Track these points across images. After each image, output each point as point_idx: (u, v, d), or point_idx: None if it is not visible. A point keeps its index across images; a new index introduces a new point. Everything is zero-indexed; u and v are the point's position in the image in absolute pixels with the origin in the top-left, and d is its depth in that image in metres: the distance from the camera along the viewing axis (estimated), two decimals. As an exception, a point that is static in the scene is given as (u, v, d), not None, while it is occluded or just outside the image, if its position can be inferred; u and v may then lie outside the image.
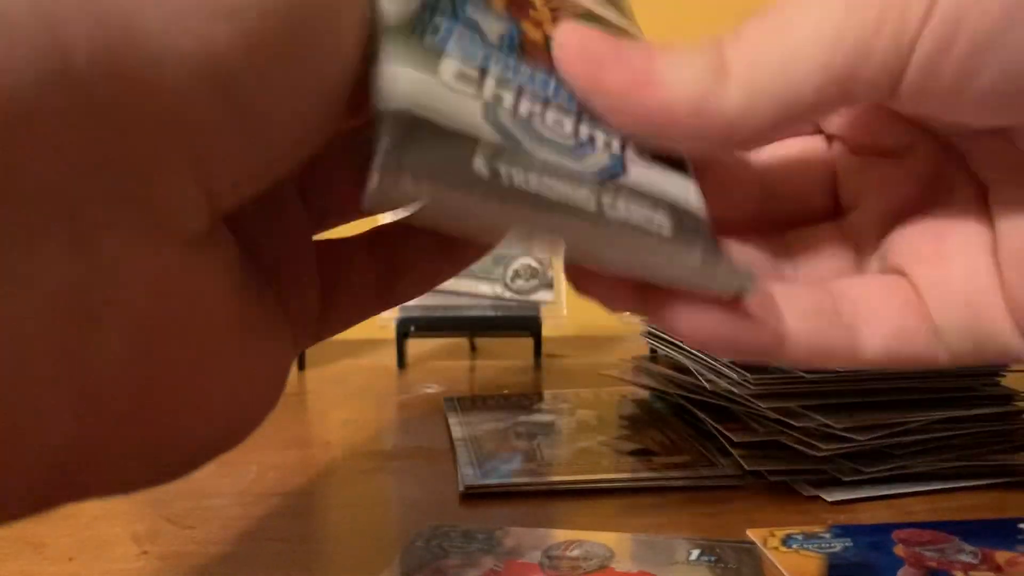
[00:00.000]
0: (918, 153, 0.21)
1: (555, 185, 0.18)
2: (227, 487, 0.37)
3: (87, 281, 0.13)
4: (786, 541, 0.31)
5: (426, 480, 0.39)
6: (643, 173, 0.19)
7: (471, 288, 0.61)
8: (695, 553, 0.29)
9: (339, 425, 0.47)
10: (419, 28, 0.18)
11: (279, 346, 0.19)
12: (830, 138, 0.22)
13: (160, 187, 0.14)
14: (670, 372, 0.47)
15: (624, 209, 0.18)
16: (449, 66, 0.18)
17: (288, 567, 0.30)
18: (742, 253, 0.21)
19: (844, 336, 0.20)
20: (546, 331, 0.62)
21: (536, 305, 0.62)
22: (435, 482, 0.38)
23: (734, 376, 0.39)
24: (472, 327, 0.63)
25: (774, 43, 0.18)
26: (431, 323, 0.61)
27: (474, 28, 0.19)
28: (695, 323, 0.18)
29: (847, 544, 0.30)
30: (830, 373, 0.37)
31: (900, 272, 0.20)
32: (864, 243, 0.22)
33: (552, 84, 0.19)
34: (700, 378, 0.42)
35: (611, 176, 0.19)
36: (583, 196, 0.18)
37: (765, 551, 0.30)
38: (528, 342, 0.63)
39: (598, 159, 0.19)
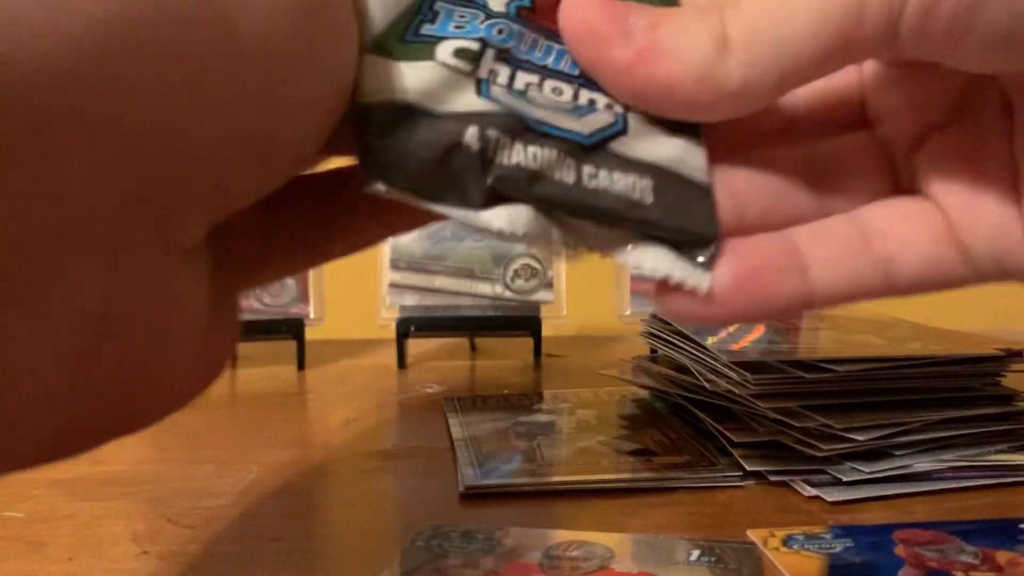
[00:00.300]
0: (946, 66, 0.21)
1: (540, 155, 0.18)
2: (227, 487, 0.37)
3: (107, 295, 0.14)
4: (787, 541, 0.30)
5: (426, 480, 0.39)
6: (643, 133, 0.19)
7: (471, 288, 0.61)
8: (695, 553, 0.29)
9: (339, 425, 0.47)
10: (414, 21, 0.18)
11: (235, 318, 0.19)
12: None
13: (179, 214, 0.14)
14: (670, 372, 0.47)
15: (606, 178, 0.18)
16: (445, 48, 0.18)
17: (288, 567, 0.30)
18: (777, 189, 0.21)
19: (876, 272, 0.20)
20: (546, 331, 0.62)
21: (536, 305, 0.62)
22: (435, 482, 0.38)
23: (734, 376, 0.39)
24: (472, 327, 0.63)
25: (772, 11, 0.18)
26: (431, 323, 0.61)
27: (476, 2, 0.19)
28: (706, 299, 0.19)
29: (848, 544, 0.30)
30: (831, 373, 0.37)
31: (929, 195, 0.20)
32: (895, 156, 0.22)
33: (555, 49, 0.19)
34: (700, 378, 0.41)
35: (615, 134, 0.19)
36: (565, 170, 0.18)
37: (765, 551, 0.30)
38: (528, 342, 0.62)
39: (601, 118, 0.19)
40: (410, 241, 0.61)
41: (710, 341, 0.43)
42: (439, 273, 0.61)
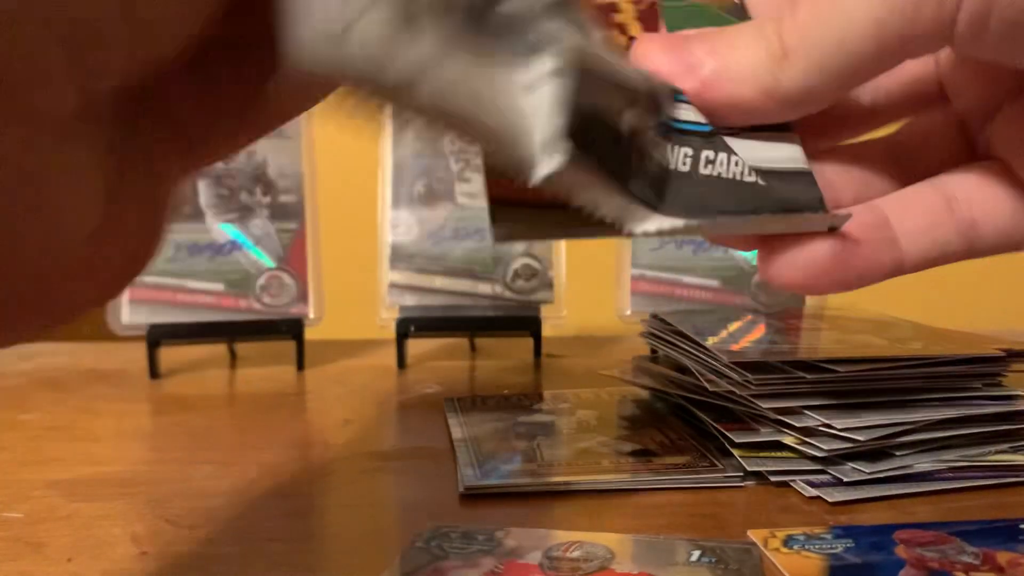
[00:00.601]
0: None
1: (662, 144, 0.20)
2: (227, 487, 0.37)
3: None
4: (787, 542, 0.30)
5: (426, 480, 0.39)
6: (735, 144, 0.21)
7: (471, 288, 0.61)
8: (696, 554, 0.29)
9: (339, 425, 0.47)
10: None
11: (160, 210, 0.17)
12: None
13: (38, 82, 0.13)
14: (670, 372, 0.46)
15: (722, 163, 0.20)
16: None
17: (288, 567, 0.30)
18: (866, 173, 0.23)
19: (960, 238, 0.21)
20: (546, 331, 0.62)
21: (536, 305, 0.62)
22: (435, 482, 0.38)
23: (735, 376, 0.39)
24: (472, 327, 0.63)
25: (829, 18, 0.19)
26: (431, 323, 0.61)
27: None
28: (811, 268, 0.20)
29: (848, 545, 0.30)
30: (831, 373, 0.37)
31: (1004, 159, 0.22)
32: (971, 128, 0.23)
33: None
34: (701, 378, 0.41)
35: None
36: (682, 155, 0.20)
37: (766, 552, 0.30)
38: (528, 342, 0.62)
39: (699, 117, 0.21)
40: (410, 241, 0.61)
41: (710, 341, 0.43)
42: (439, 273, 0.61)
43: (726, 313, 0.55)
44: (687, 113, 0.20)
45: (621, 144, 0.18)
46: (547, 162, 0.16)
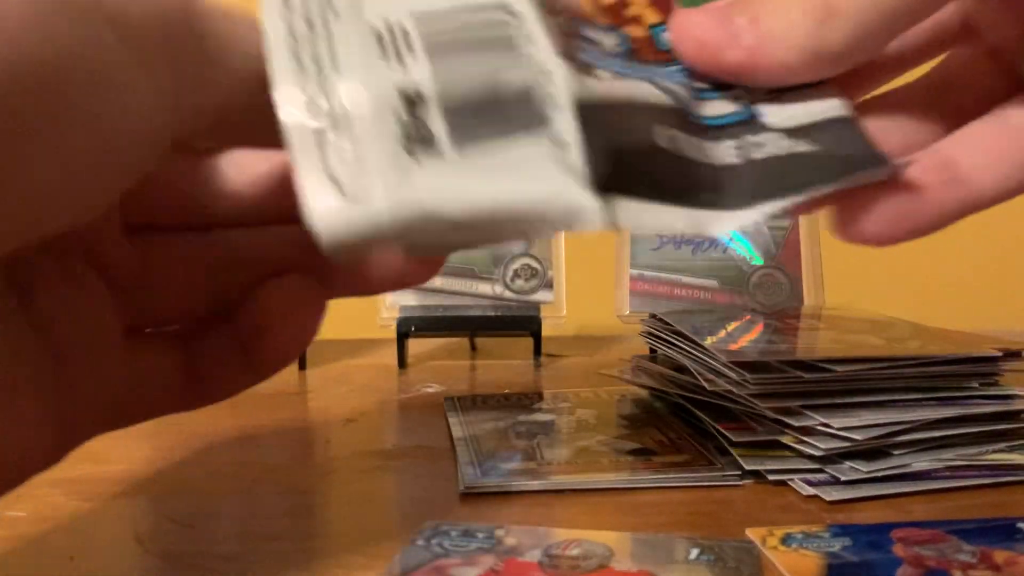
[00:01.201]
0: None
1: (703, 145, 0.19)
2: (227, 487, 0.37)
3: None
4: (785, 540, 0.31)
5: (426, 479, 0.39)
6: (776, 112, 0.20)
7: (471, 288, 0.62)
8: (694, 552, 0.29)
9: (339, 424, 0.47)
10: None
11: (32, 413, 0.18)
12: None
13: None
14: (669, 372, 0.47)
15: (774, 143, 0.20)
16: (603, 72, 0.19)
17: (288, 566, 0.30)
18: (909, 120, 0.22)
19: None
20: (546, 331, 0.62)
21: (536, 305, 0.62)
22: (435, 481, 0.38)
23: (733, 376, 0.39)
24: (472, 327, 0.63)
25: None
26: (431, 323, 0.61)
27: (596, 45, 0.20)
28: (884, 221, 0.20)
29: (846, 543, 0.30)
30: (829, 373, 0.38)
31: None
32: (1009, 60, 0.23)
33: (667, 72, 0.21)
34: (699, 378, 0.42)
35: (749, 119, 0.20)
36: (725, 149, 0.20)
37: (764, 550, 0.30)
38: (528, 342, 0.63)
39: (729, 108, 0.20)
40: (410, 241, 0.61)
41: (709, 341, 0.43)
42: (439, 273, 0.61)
43: (724, 313, 0.55)
44: (718, 107, 0.20)
45: (665, 159, 0.18)
46: (591, 206, 0.16)
